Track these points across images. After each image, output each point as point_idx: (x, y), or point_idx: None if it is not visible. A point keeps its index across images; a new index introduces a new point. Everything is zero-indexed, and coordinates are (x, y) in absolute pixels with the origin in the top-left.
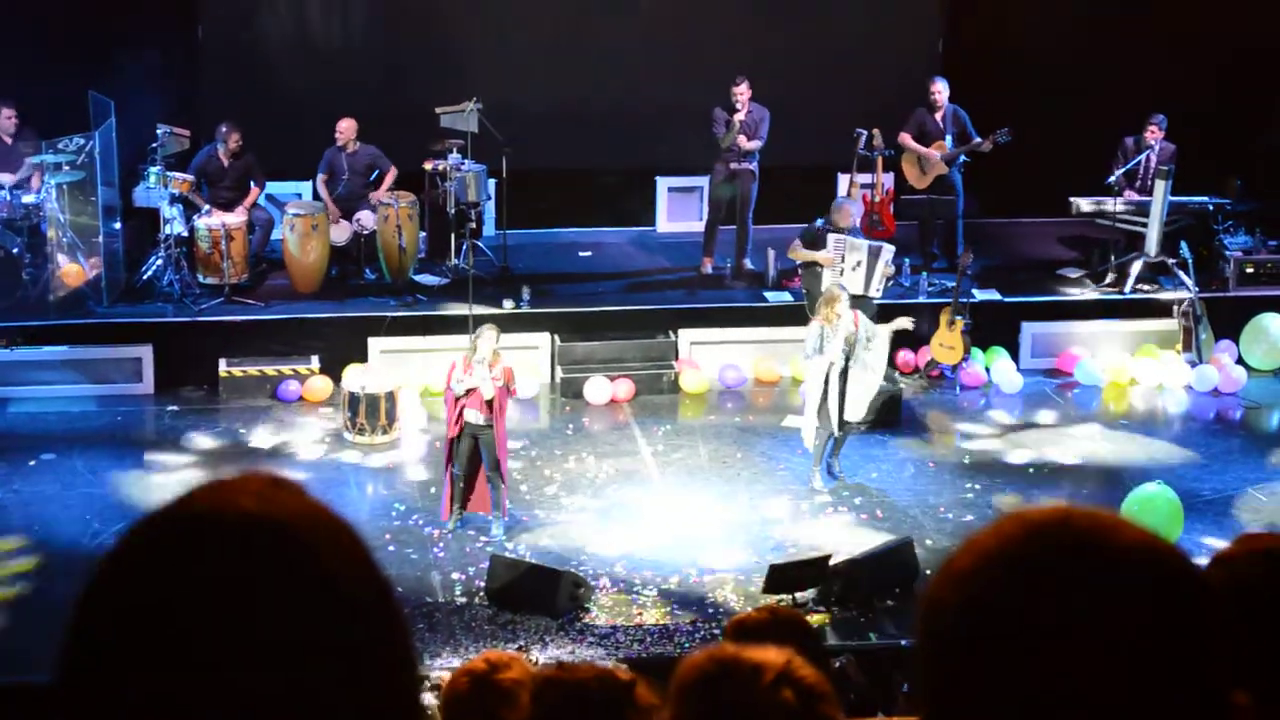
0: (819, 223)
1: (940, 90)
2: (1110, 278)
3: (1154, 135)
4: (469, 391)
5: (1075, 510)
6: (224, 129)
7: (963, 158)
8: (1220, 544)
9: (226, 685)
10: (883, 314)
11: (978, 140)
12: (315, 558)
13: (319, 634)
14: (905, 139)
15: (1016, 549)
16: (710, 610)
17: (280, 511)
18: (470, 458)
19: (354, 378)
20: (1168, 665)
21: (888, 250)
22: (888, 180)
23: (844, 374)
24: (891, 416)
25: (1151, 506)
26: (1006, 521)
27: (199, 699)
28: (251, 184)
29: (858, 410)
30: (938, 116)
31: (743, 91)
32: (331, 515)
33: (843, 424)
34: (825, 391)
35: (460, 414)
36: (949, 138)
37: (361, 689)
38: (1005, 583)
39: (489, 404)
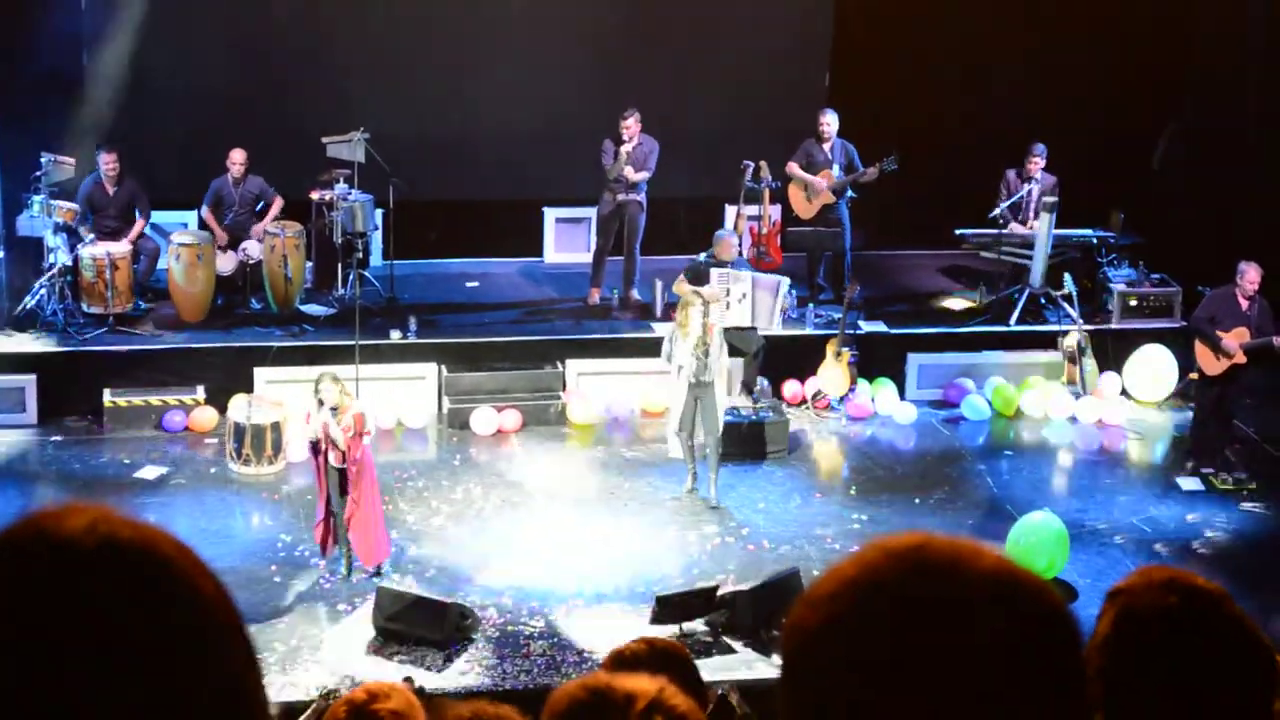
0: (702, 257)
1: (829, 123)
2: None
3: (1034, 166)
4: (327, 439)
5: (934, 538)
6: (99, 154)
7: (850, 193)
8: (1100, 574)
9: (72, 704)
10: (771, 345)
11: (864, 170)
12: (176, 572)
13: (157, 651)
14: (792, 168)
15: (875, 575)
16: (597, 641)
17: (113, 534)
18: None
19: (239, 408)
20: (1022, 691)
21: (784, 283)
22: (775, 212)
23: (704, 384)
24: (778, 447)
25: (1037, 534)
26: (866, 548)
27: (70, 712)
28: (137, 214)
29: (715, 425)
30: (825, 148)
31: (631, 124)
32: (167, 536)
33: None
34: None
35: (325, 460)
36: (836, 167)
37: (226, 700)
38: (862, 607)
39: (343, 452)
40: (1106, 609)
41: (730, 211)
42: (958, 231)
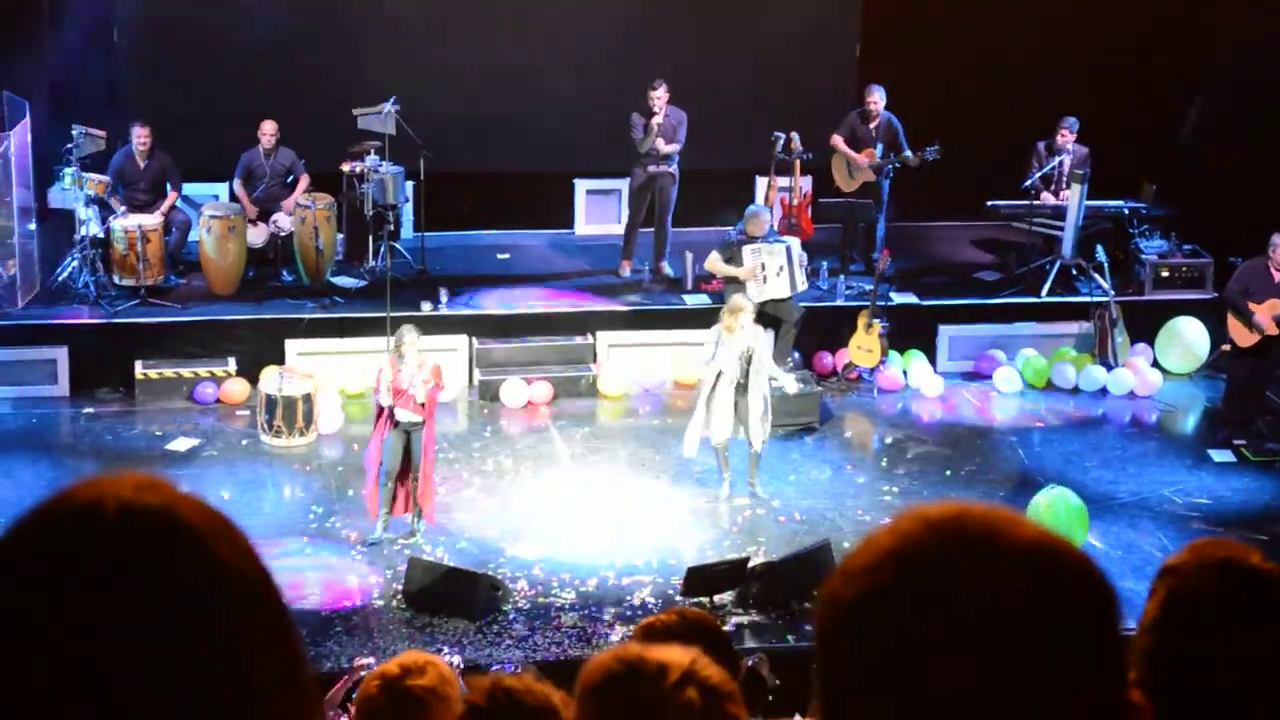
0: (733, 233)
1: (877, 100)
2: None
3: (1065, 139)
4: (399, 394)
5: (971, 507)
6: (133, 127)
7: (891, 168)
8: (1131, 546)
9: (118, 671)
10: (807, 317)
11: (906, 154)
12: (198, 542)
13: (205, 616)
14: (837, 141)
15: (911, 545)
16: (628, 613)
17: (159, 500)
18: (401, 456)
19: (271, 380)
20: (1059, 661)
21: (795, 244)
22: (806, 184)
23: (744, 389)
24: (809, 419)
25: (1052, 512)
26: (903, 518)
27: (91, 684)
28: (168, 187)
29: (755, 432)
30: (871, 124)
31: (660, 95)
32: (208, 506)
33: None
34: (711, 399)
35: (390, 416)
36: (879, 146)
37: (251, 672)
38: (899, 578)
39: (422, 404)
40: (1157, 588)
41: (761, 183)
42: (989, 203)
